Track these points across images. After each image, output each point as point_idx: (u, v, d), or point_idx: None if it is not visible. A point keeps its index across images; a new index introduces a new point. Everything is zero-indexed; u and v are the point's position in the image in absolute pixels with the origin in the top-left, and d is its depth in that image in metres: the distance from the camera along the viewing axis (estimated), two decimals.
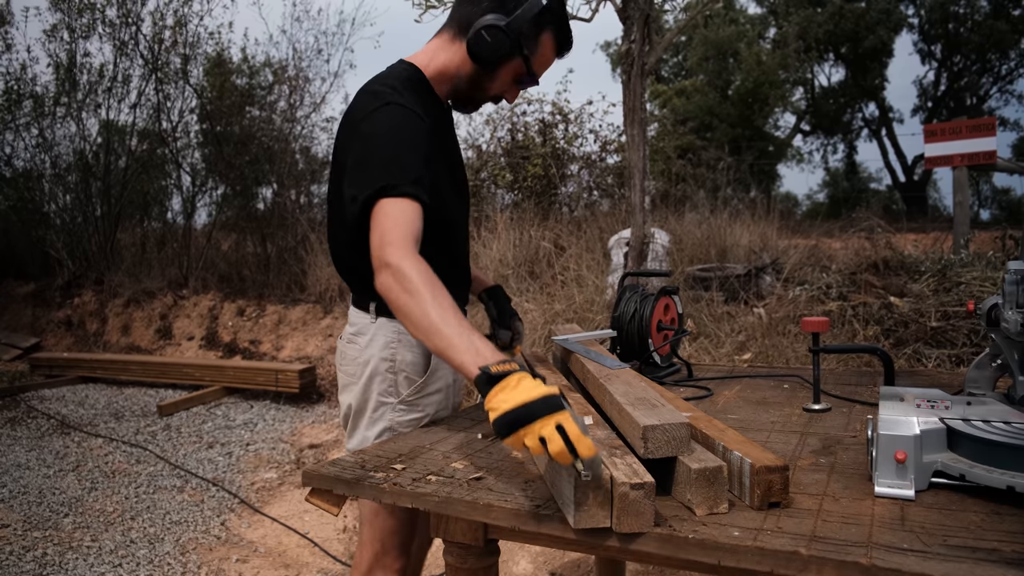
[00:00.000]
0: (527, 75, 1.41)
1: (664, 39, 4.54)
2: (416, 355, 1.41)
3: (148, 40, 7.39)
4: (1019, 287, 1.10)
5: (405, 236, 1.18)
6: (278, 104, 7.91)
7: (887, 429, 0.93)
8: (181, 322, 6.49)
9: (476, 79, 1.40)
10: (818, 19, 12.74)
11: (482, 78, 1.40)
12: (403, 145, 1.27)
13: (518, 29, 1.34)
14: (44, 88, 7.83)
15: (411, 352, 1.40)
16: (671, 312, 1.82)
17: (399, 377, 1.40)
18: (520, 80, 1.43)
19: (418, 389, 1.41)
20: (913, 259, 4.20)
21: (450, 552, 1.07)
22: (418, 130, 1.29)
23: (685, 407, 1.18)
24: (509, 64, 1.38)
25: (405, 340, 1.40)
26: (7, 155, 7.97)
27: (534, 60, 1.39)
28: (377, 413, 1.41)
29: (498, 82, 1.41)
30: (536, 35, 1.37)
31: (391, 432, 1.40)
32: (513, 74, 1.40)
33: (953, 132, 4.89)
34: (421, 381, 1.41)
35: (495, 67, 1.38)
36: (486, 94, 1.43)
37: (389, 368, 1.40)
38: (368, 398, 1.41)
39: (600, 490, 0.84)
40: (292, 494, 3.43)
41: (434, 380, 1.43)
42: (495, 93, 1.44)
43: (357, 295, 1.46)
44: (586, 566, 2.52)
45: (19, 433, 4.40)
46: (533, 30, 1.36)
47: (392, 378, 1.40)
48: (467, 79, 1.40)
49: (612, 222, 6.01)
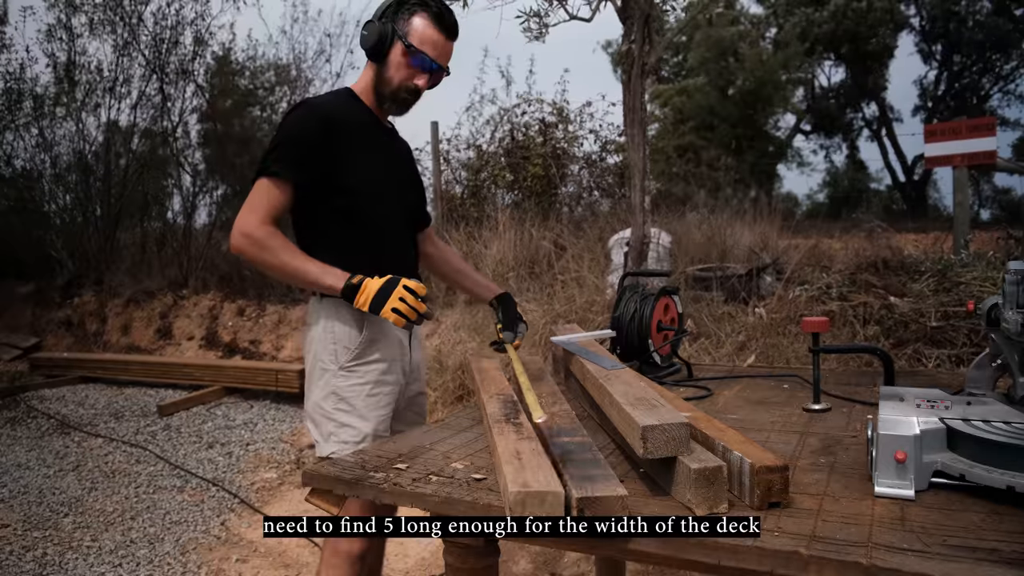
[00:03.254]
0: (413, 53, 1.57)
1: (664, 39, 4.53)
2: (350, 327, 1.59)
3: (149, 39, 7.39)
4: (1019, 287, 1.10)
5: (257, 206, 1.49)
6: (279, 104, 7.91)
7: (887, 429, 0.93)
8: (181, 322, 6.49)
9: (379, 76, 1.62)
10: (819, 19, 12.74)
11: (381, 72, 1.61)
12: (290, 136, 1.53)
13: (383, 17, 1.58)
14: (44, 88, 7.84)
15: (345, 325, 1.59)
16: (671, 312, 1.82)
17: (338, 347, 1.59)
18: (412, 62, 1.59)
19: (355, 356, 1.59)
20: (913, 259, 4.20)
21: (450, 552, 1.07)
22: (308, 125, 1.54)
23: (685, 407, 1.18)
24: (393, 50, 1.59)
25: (341, 315, 1.59)
26: (7, 155, 7.97)
27: (412, 38, 1.57)
28: (322, 381, 1.60)
29: (393, 69, 1.60)
30: (405, 16, 1.58)
31: (336, 397, 1.58)
32: (401, 57, 1.59)
33: (953, 132, 4.89)
34: (357, 350, 1.59)
35: (383, 56, 1.59)
36: (392, 85, 1.61)
37: (329, 340, 1.59)
38: (314, 367, 1.62)
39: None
40: (292, 494, 3.43)
41: (372, 351, 1.61)
42: (400, 82, 1.61)
43: None
44: (586, 566, 2.51)
45: (19, 433, 4.40)
46: (399, 13, 1.58)
47: (333, 348, 1.59)
48: (375, 80, 1.63)
49: (612, 222, 6.01)
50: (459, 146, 7.53)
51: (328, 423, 1.58)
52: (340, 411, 1.58)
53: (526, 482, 0.86)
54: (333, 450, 1.54)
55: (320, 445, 1.60)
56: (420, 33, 1.58)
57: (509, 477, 0.88)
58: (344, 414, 1.58)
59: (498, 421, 1.15)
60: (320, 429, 1.60)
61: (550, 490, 0.84)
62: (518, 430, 1.09)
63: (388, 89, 1.62)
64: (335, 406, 1.58)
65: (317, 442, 1.62)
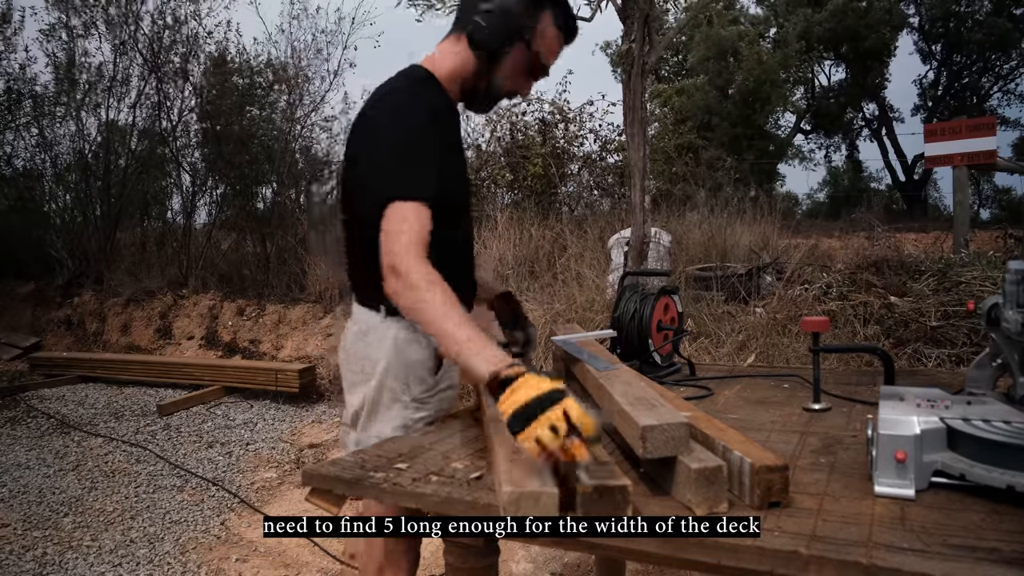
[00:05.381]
0: (533, 61, 1.38)
1: (664, 39, 4.53)
2: (427, 355, 1.39)
3: (148, 39, 7.39)
4: (1019, 287, 1.10)
5: (414, 241, 1.19)
6: (278, 103, 7.91)
7: (887, 429, 0.93)
8: (181, 322, 6.49)
9: (482, 71, 1.38)
10: (819, 19, 12.74)
11: (488, 69, 1.38)
12: (417, 147, 1.27)
13: (511, 10, 1.32)
14: (44, 88, 7.84)
15: (422, 351, 1.38)
16: (671, 312, 1.82)
17: (410, 375, 1.38)
18: (530, 69, 1.39)
19: (430, 387, 1.40)
20: (913, 259, 4.20)
21: (450, 552, 1.07)
22: (431, 132, 1.30)
23: (685, 407, 1.18)
24: (511, 52, 1.36)
25: (415, 338, 1.37)
26: (7, 155, 7.97)
27: (536, 44, 1.36)
28: (392, 412, 1.38)
29: (503, 71, 1.38)
30: (534, 17, 1.35)
31: (405, 430, 1.38)
32: (518, 62, 1.37)
33: (953, 132, 4.89)
34: (434, 379, 1.40)
35: (497, 54, 1.35)
36: (496, 87, 1.41)
37: (400, 366, 1.37)
38: (380, 396, 1.39)
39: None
40: (292, 494, 3.43)
41: (444, 378, 1.43)
42: (509, 88, 1.42)
43: (365, 293, 1.43)
44: (586, 566, 2.51)
45: (19, 433, 4.40)
46: (529, 11, 1.34)
47: (404, 375, 1.38)
48: (474, 73, 1.38)
49: (612, 222, 6.01)
50: None
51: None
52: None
53: (520, 482, 0.86)
54: None
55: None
56: (548, 40, 1.38)
57: (503, 477, 0.88)
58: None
59: (497, 421, 1.15)
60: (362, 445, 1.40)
61: (544, 490, 0.84)
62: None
63: (492, 89, 1.41)
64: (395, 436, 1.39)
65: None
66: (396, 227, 1.21)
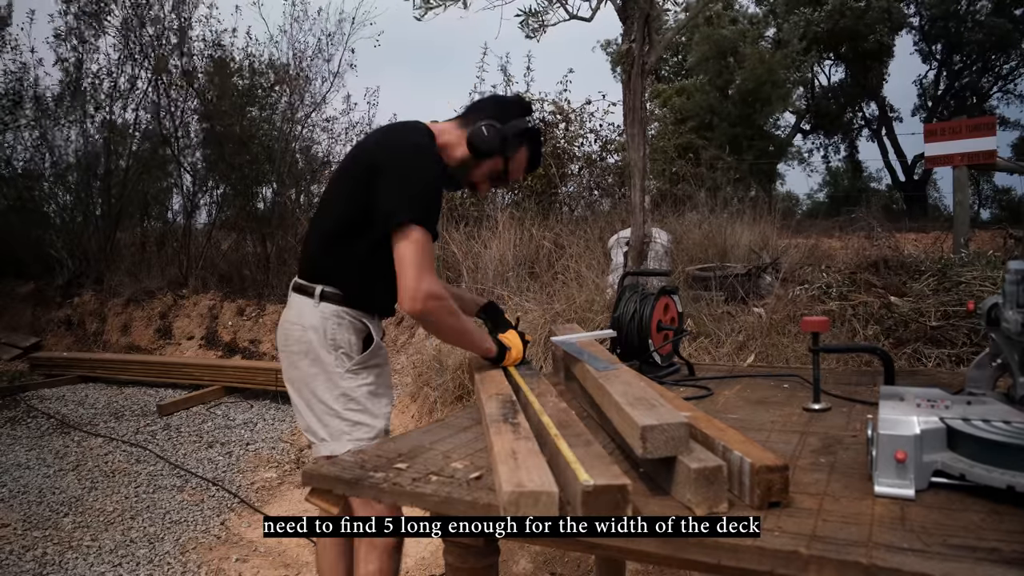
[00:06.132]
0: (502, 173, 1.75)
1: (664, 38, 4.53)
2: (350, 336, 1.65)
3: (153, 41, 7.39)
4: (1019, 287, 1.10)
5: (432, 266, 1.54)
6: (278, 104, 7.91)
7: (887, 429, 0.93)
8: (181, 322, 6.49)
9: (465, 163, 1.72)
10: (817, 18, 12.72)
11: (469, 164, 1.72)
12: (433, 190, 1.60)
13: (506, 134, 1.69)
14: (46, 89, 7.85)
15: (347, 333, 1.65)
16: (671, 312, 1.82)
17: (339, 352, 1.64)
18: (495, 177, 1.76)
19: (358, 361, 1.66)
20: (913, 258, 4.20)
21: (450, 552, 1.07)
22: (439, 184, 1.63)
23: (685, 407, 1.18)
24: (491, 160, 1.71)
25: (343, 322, 1.64)
26: (7, 155, 7.97)
27: (511, 163, 1.74)
28: (329, 383, 1.63)
29: (479, 172, 1.73)
30: (517, 144, 1.73)
31: (346, 398, 1.63)
32: (491, 169, 1.74)
33: (953, 132, 4.88)
34: (360, 356, 1.66)
35: (481, 158, 1.70)
36: (468, 179, 1.76)
37: (331, 345, 1.63)
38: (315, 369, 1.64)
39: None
40: (292, 494, 3.43)
41: (372, 356, 1.68)
42: (473, 180, 1.76)
43: (309, 281, 1.68)
44: (586, 566, 2.51)
45: (19, 433, 4.40)
46: (516, 139, 1.72)
47: (335, 353, 1.64)
48: (458, 161, 1.71)
49: (612, 222, 6.00)
50: None
51: (339, 422, 1.63)
52: (351, 411, 1.63)
53: (520, 482, 0.86)
54: (349, 448, 1.55)
55: (327, 444, 1.63)
56: (519, 164, 1.77)
57: (504, 477, 0.88)
58: (356, 413, 1.63)
59: (496, 421, 1.15)
60: (329, 428, 1.64)
61: (544, 490, 0.84)
62: (515, 430, 1.09)
63: (465, 180, 1.76)
64: (346, 406, 1.63)
65: (323, 440, 1.64)
66: (418, 251, 1.51)
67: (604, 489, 0.83)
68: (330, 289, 1.64)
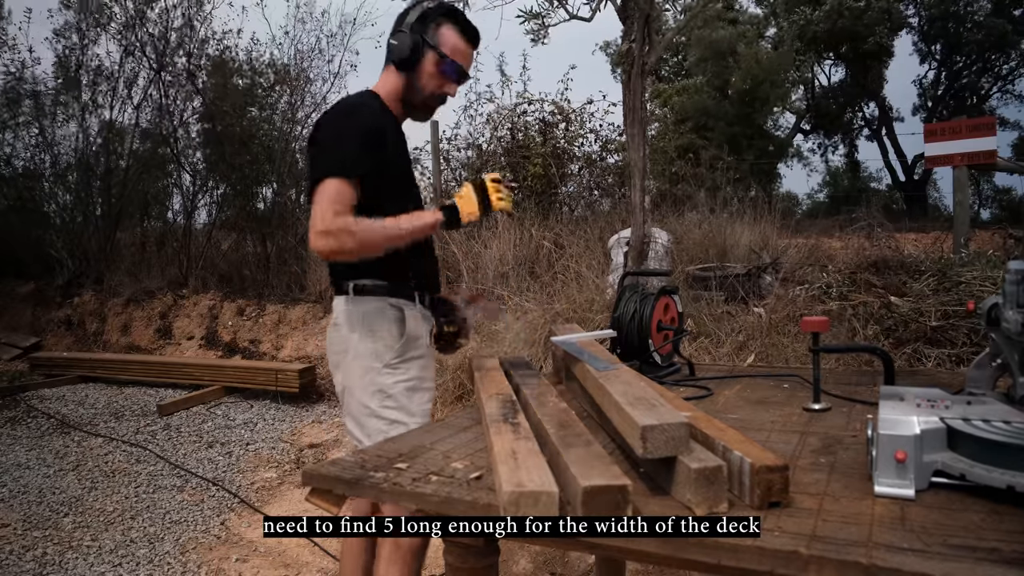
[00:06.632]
0: (446, 61, 1.66)
1: (664, 39, 4.53)
2: (390, 324, 1.63)
3: (154, 40, 7.39)
4: (1019, 287, 1.10)
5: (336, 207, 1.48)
6: (279, 104, 7.91)
7: (887, 429, 0.93)
8: (181, 322, 6.49)
9: (409, 84, 1.68)
10: (816, 18, 12.72)
11: (411, 80, 1.67)
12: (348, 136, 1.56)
13: (413, 29, 1.64)
14: (45, 87, 7.84)
15: (386, 322, 1.63)
16: (671, 312, 1.82)
17: (379, 345, 1.62)
18: (444, 70, 1.67)
19: (398, 353, 1.63)
20: (913, 258, 4.20)
21: (450, 552, 1.07)
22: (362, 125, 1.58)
23: (685, 407, 1.18)
24: (425, 60, 1.65)
25: (382, 313, 1.63)
26: (7, 155, 7.97)
27: (444, 48, 1.66)
28: (367, 379, 1.61)
29: (425, 78, 1.67)
30: (434, 28, 1.66)
31: (383, 395, 1.61)
32: (432, 67, 1.67)
33: (953, 132, 4.88)
34: (400, 347, 1.63)
35: (414, 65, 1.65)
36: (424, 94, 1.69)
37: (370, 339, 1.62)
38: (354, 366, 1.63)
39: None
40: (292, 494, 3.43)
41: (412, 347, 1.65)
42: (432, 91, 1.69)
43: (337, 279, 1.69)
44: (586, 566, 2.51)
45: (19, 433, 4.40)
46: (427, 26, 1.65)
47: (373, 346, 1.62)
48: (404, 87, 1.69)
49: (612, 222, 6.00)
50: (459, 146, 7.53)
51: (376, 421, 1.61)
52: (387, 408, 1.61)
53: (520, 482, 0.86)
54: None
55: (365, 445, 1.58)
56: (451, 44, 1.67)
57: (504, 477, 0.88)
58: (392, 411, 1.61)
59: (496, 421, 1.15)
60: (365, 428, 1.62)
61: (544, 490, 0.84)
62: (515, 430, 1.09)
63: (419, 98, 1.69)
64: (382, 403, 1.61)
65: (360, 442, 1.62)
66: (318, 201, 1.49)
67: (604, 489, 0.83)
68: (359, 282, 1.64)
